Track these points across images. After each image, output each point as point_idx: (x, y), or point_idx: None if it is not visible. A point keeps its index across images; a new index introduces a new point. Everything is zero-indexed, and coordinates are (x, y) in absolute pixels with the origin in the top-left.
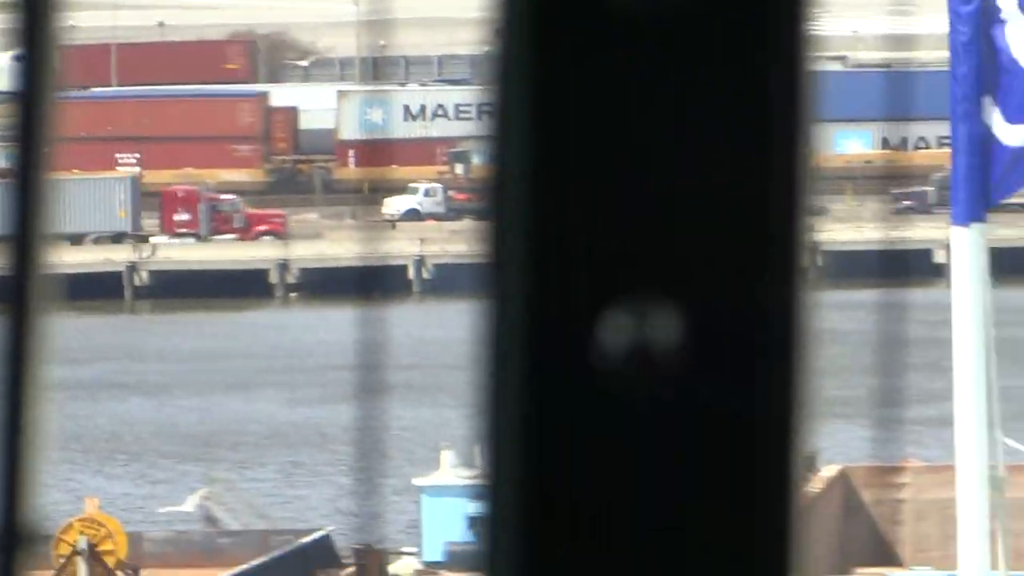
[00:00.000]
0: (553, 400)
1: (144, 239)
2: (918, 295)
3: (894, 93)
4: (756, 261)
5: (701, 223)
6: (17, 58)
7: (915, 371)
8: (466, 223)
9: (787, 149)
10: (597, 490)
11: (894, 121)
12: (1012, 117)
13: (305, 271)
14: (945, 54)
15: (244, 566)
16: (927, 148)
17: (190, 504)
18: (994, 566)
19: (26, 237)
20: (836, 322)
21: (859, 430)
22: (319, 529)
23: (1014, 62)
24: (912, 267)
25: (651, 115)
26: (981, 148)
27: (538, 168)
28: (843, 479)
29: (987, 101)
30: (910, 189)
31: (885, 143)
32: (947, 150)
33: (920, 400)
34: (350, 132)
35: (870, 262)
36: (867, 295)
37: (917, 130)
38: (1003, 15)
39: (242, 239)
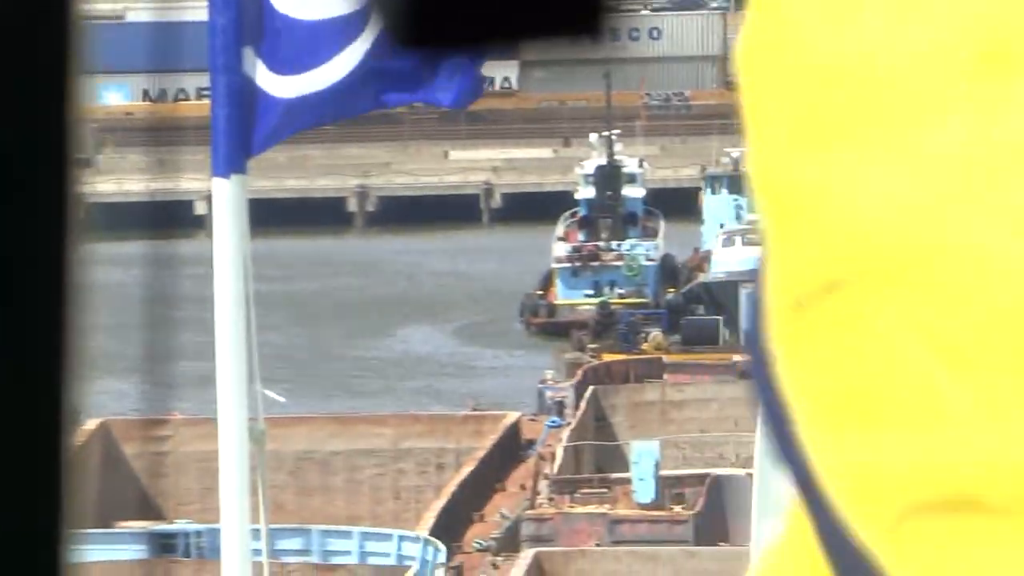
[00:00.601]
0: None
1: None
2: (185, 247)
3: (157, 45)
4: (24, 213)
5: None
6: None
7: (183, 326)
8: None
9: (53, 100)
10: None
11: (157, 73)
12: (278, 68)
13: None
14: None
15: None
16: (188, 99)
17: None
18: (255, 519)
19: None
20: (104, 275)
21: (125, 384)
22: None
23: (280, 13)
24: (176, 219)
25: None
26: (241, 100)
27: None
28: (104, 432)
29: (248, 52)
30: None
31: (146, 95)
32: (207, 102)
33: (187, 355)
34: None
35: (134, 214)
36: (134, 248)
37: (181, 82)
38: None
39: None
